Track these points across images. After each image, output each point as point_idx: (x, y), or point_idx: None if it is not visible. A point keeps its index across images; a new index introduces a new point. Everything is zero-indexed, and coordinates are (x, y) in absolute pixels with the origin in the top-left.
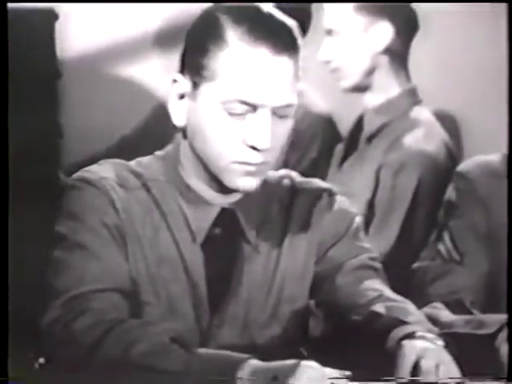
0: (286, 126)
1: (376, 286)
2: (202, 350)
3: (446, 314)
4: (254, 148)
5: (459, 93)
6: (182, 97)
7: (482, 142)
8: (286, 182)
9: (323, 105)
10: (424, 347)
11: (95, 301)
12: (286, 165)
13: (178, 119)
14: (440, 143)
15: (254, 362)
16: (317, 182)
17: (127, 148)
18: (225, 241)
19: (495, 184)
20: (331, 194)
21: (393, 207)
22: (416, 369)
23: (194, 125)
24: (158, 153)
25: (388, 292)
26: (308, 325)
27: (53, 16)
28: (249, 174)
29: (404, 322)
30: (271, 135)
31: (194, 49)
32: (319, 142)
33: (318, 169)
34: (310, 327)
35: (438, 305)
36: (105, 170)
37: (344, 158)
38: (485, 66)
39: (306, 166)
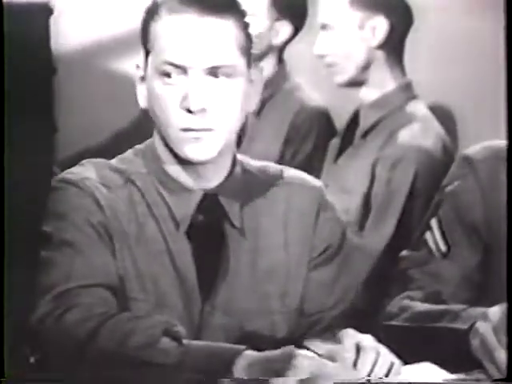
0: (229, 87)
1: None
2: (196, 343)
3: (419, 304)
4: (189, 111)
5: (455, 87)
6: (143, 79)
7: (477, 136)
8: (275, 173)
9: (319, 99)
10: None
11: (83, 296)
12: (281, 159)
13: (141, 101)
14: (436, 138)
15: (250, 354)
16: (306, 177)
17: (122, 142)
18: (209, 226)
19: (498, 167)
20: (322, 195)
21: (389, 202)
22: None
23: (149, 102)
24: (138, 146)
25: None
26: (299, 326)
27: (47, 10)
28: (195, 141)
29: None
30: (208, 97)
31: (143, 31)
32: (314, 137)
33: (313, 163)
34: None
35: (413, 293)
36: (86, 171)
37: (339, 153)
38: (481, 60)
39: (301, 161)
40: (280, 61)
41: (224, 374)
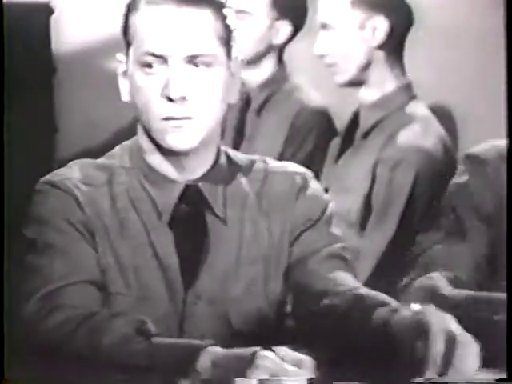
0: (209, 76)
1: (348, 277)
2: (163, 340)
3: (444, 286)
4: (169, 99)
5: (455, 87)
6: (125, 73)
7: (478, 136)
8: (259, 164)
9: (319, 99)
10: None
11: (66, 296)
12: (281, 159)
13: (124, 95)
14: (436, 138)
15: (214, 350)
16: (291, 166)
17: (122, 140)
18: (192, 217)
19: (505, 167)
20: (305, 178)
21: (390, 203)
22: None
23: (131, 95)
24: (125, 142)
25: (360, 285)
26: (284, 308)
27: (48, 10)
28: (176, 129)
29: (388, 303)
30: (189, 85)
31: (124, 25)
32: (314, 137)
33: (313, 163)
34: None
35: (435, 275)
36: (70, 172)
37: (340, 153)
38: (482, 60)
39: (301, 161)
40: (280, 61)
41: (188, 371)
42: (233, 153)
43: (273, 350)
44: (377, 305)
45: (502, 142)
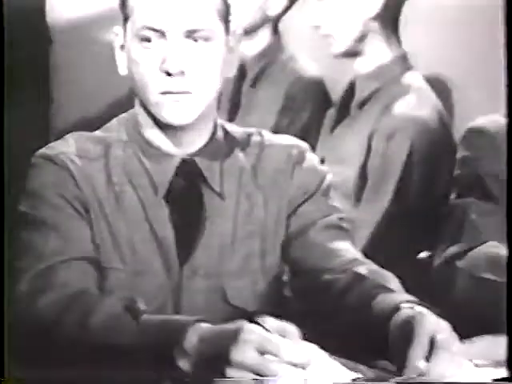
0: (208, 51)
1: (348, 247)
2: (150, 317)
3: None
4: (168, 74)
5: (452, 58)
6: (122, 47)
7: (474, 107)
8: (256, 137)
9: (314, 70)
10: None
11: (59, 273)
12: (276, 129)
13: (121, 68)
14: (432, 109)
15: (200, 326)
16: (287, 139)
17: (118, 112)
18: (189, 191)
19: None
20: (301, 151)
21: (385, 173)
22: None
23: (129, 68)
24: (122, 115)
25: (360, 256)
26: (281, 283)
27: None
28: (174, 104)
29: (389, 289)
30: (187, 59)
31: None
32: (310, 107)
33: (308, 133)
34: (283, 286)
35: (495, 243)
36: (65, 145)
37: (335, 124)
38: (478, 31)
39: (297, 131)
40: (275, 32)
41: (174, 348)
42: (229, 126)
43: (258, 323)
44: (378, 289)
45: (500, 117)
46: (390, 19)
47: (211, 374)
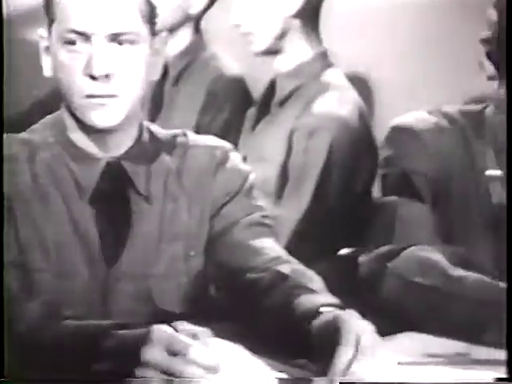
0: (133, 54)
1: (272, 245)
2: (71, 322)
3: (442, 260)
4: (92, 77)
5: (372, 56)
6: (47, 49)
7: (393, 105)
8: (180, 139)
9: (236, 68)
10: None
11: None
12: (198, 128)
13: (46, 70)
14: (352, 106)
15: (117, 330)
16: (210, 139)
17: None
18: (114, 194)
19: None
20: (225, 151)
21: (306, 171)
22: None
23: (54, 71)
24: (48, 117)
25: (284, 253)
26: (207, 285)
27: None
28: (99, 107)
29: (311, 290)
30: (112, 63)
31: (46, 2)
32: (231, 106)
33: (230, 132)
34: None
35: (426, 247)
36: None
37: (256, 122)
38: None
39: (218, 129)
40: (197, 30)
41: (92, 351)
42: (155, 128)
43: (170, 325)
44: (300, 289)
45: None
46: (310, 17)
47: (123, 375)
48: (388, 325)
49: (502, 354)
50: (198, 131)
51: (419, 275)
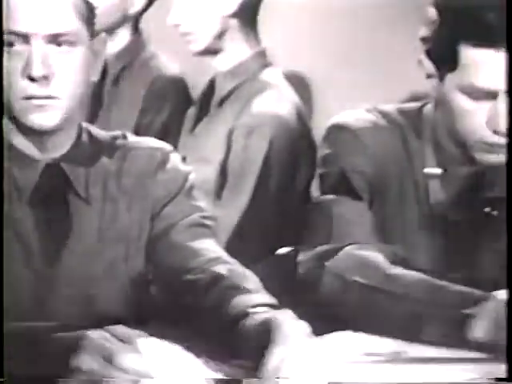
0: (72, 56)
1: (211, 246)
2: (9, 324)
3: (380, 259)
4: (31, 79)
5: (311, 55)
6: None
7: (332, 104)
8: (120, 140)
9: (175, 68)
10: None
11: None
12: (137, 128)
13: None
14: (290, 105)
15: (51, 335)
16: (150, 141)
17: None
18: (53, 196)
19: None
20: (165, 153)
21: (245, 170)
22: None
23: None
24: None
25: (224, 254)
26: (148, 287)
27: None
28: (38, 109)
29: (247, 290)
30: (51, 64)
31: None
32: (170, 106)
33: (169, 132)
34: (148, 289)
35: (364, 245)
36: None
37: (196, 122)
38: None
39: (158, 130)
40: (136, 30)
41: (29, 357)
42: (94, 130)
43: (107, 330)
44: (235, 289)
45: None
46: (249, 16)
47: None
48: (326, 324)
49: (440, 352)
50: (137, 132)
51: (357, 274)
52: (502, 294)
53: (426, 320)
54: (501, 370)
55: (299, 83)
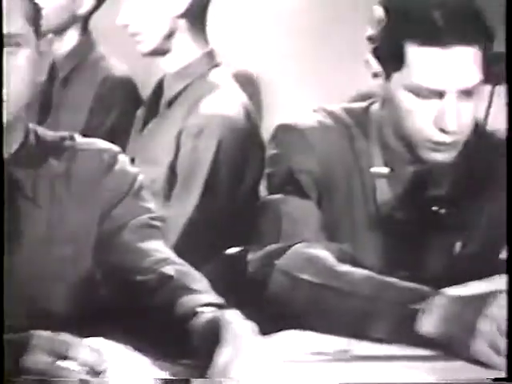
0: (17, 56)
1: (160, 247)
2: None
3: (329, 257)
4: None
5: (259, 55)
6: None
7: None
8: (68, 142)
9: (124, 69)
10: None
11: None
12: (86, 129)
13: None
14: (239, 105)
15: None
16: (98, 143)
17: None
18: (1, 197)
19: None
20: (113, 155)
21: (193, 171)
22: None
23: None
24: None
25: (173, 255)
26: (97, 288)
27: None
28: None
29: (194, 290)
30: None
31: None
32: (119, 107)
33: (118, 133)
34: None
35: (312, 244)
36: None
37: (145, 123)
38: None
39: (107, 131)
40: (85, 31)
41: None
42: (41, 131)
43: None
44: (183, 290)
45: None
46: (197, 17)
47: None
48: (275, 323)
49: (389, 349)
50: (86, 133)
51: (306, 272)
52: (450, 291)
53: (375, 316)
54: (454, 366)
55: (248, 83)
